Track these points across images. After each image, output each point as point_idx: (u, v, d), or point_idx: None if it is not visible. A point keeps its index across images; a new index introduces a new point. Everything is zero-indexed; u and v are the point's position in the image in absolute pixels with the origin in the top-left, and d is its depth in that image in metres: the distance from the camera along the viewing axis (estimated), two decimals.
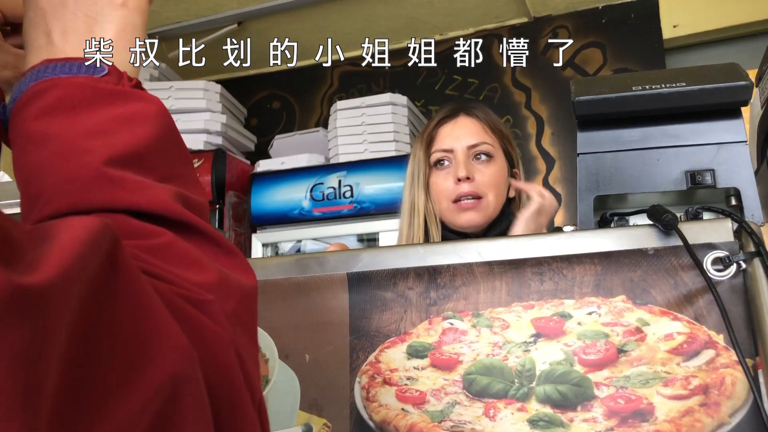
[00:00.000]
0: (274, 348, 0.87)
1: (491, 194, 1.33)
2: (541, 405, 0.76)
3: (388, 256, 0.89)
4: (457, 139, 1.37)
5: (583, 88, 0.88)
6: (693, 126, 0.86)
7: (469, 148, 1.36)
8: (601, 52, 3.07)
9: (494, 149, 1.38)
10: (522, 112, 3.15)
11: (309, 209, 2.84)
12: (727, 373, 0.71)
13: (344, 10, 3.17)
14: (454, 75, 3.33)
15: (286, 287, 0.89)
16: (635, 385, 0.73)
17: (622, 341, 0.75)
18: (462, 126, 1.40)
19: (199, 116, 2.95)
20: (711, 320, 0.73)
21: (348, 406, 0.83)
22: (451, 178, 1.34)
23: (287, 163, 2.94)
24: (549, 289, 0.80)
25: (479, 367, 0.79)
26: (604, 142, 0.87)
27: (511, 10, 3.18)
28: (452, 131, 1.39)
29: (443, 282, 0.84)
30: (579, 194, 0.87)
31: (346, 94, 3.46)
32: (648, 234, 0.78)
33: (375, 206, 2.80)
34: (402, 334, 0.84)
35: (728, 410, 0.70)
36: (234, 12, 3.16)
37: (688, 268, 0.75)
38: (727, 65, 0.88)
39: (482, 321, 0.81)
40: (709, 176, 0.84)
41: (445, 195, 1.35)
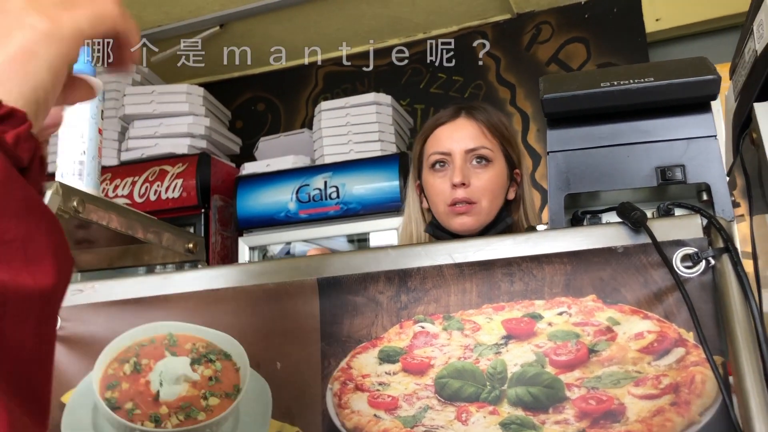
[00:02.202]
0: (245, 356, 0.86)
1: (485, 200, 1.33)
2: (513, 408, 0.75)
3: (359, 259, 0.88)
4: (456, 142, 1.36)
5: (552, 85, 0.87)
6: (662, 121, 0.85)
7: (467, 152, 1.35)
8: (585, 47, 3.06)
9: (493, 153, 1.37)
10: (507, 109, 3.14)
11: (295, 211, 2.83)
12: (697, 372, 0.70)
13: (326, 10, 3.15)
14: (438, 73, 3.32)
15: (256, 294, 0.88)
16: (606, 385, 0.73)
17: (592, 341, 0.75)
18: (461, 128, 1.38)
19: (183, 120, 2.94)
20: (681, 318, 0.73)
21: (320, 414, 0.82)
22: (448, 181, 1.34)
23: (272, 165, 2.93)
24: (519, 289, 0.79)
25: (451, 371, 0.79)
26: (574, 140, 0.86)
27: (494, 7, 3.18)
28: (451, 133, 1.38)
29: (414, 285, 0.83)
30: (549, 193, 0.86)
31: (330, 94, 3.45)
32: (617, 232, 0.77)
33: (362, 206, 2.79)
34: (373, 339, 0.83)
35: (698, 409, 0.69)
36: (216, 14, 3.15)
37: (658, 266, 0.74)
38: (696, 59, 0.87)
39: (453, 324, 0.80)
40: (680, 172, 0.83)
41: (441, 198, 1.35)
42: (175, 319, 0.91)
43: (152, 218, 1.32)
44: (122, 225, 1.18)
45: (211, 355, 0.88)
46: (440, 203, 1.35)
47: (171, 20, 3.17)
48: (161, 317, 0.92)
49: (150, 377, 0.89)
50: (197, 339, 0.89)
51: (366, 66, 3.42)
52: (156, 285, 0.95)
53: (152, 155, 2.92)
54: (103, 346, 0.92)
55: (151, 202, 2.84)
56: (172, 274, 0.96)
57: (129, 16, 0.47)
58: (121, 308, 0.94)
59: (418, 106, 3.33)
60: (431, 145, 1.40)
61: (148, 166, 2.89)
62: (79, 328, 0.94)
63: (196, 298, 0.91)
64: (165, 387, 0.88)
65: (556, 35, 3.13)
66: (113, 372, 0.91)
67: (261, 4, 3.08)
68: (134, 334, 0.92)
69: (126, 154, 2.97)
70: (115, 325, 0.93)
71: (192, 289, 0.92)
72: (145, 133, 2.95)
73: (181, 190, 2.82)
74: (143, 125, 2.95)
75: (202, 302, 0.91)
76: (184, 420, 0.86)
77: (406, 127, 3.10)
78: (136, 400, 0.88)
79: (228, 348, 0.87)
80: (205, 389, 0.87)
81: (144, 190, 2.88)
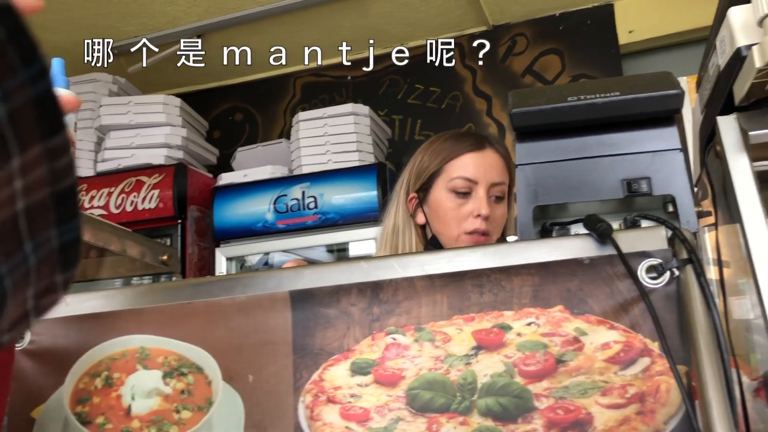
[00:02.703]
0: (217, 369, 0.86)
1: (495, 233, 1.37)
2: (483, 418, 0.76)
3: (331, 272, 0.89)
4: (484, 173, 1.37)
5: (521, 99, 0.88)
6: (628, 135, 0.87)
7: (492, 185, 1.37)
8: (560, 58, 3.10)
9: (507, 189, 1.42)
10: (484, 120, 3.17)
11: (273, 221, 2.82)
12: (662, 381, 0.71)
13: (304, 21, 3.16)
14: (416, 84, 3.34)
15: (228, 307, 0.88)
16: (574, 395, 0.74)
17: (560, 351, 0.76)
18: (490, 160, 1.40)
19: (160, 130, 2.93)
20: (646, 328, 0.74)
21: (292, 426, 0.82)
22: (469, 209, 1.35)
23: (250, 176, 2.92)
24: (489, 301, 0.80)
25: (422, 382, 0.79)
26: (543, 153, 0.88)
27: (470, 20, 3.21)
28: (481, 162, 1.39)
29: (386, 297, 0.84)
30: (518, 205, 0.87)
31: (308, 104, 3.46)
32: (584, 244, 0.79)
33: (340, 216, 2.79)
34: (345, 351, 0.83)
35: (663, 417, 0.70)
36: (193, 25, 3.14)
37: (623, 277, 0.75)
38: (661, 74, 0.89)
39: (424, 335, 0.81)
40: (645, 184, 0.85)
41: (457, 223, 1.36)
42: (148, 333, 0.91)
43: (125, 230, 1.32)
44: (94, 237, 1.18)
45: (183, 368, 0.88)
46: (455, 228, 1.36)
47: (148, 31, 3.17)
48: (133, 331, 0.92)
49: (122, 391, 0.89)
50: (169, 352, 0.89)
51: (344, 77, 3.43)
52: (128, 298, 0.95)
53: (128, 166, 2.91)
54: (75, 360, 0.92)
55: (128, 213, 2.83)
56: (144, 288, 0.96)
57: None
58: (92, 322, 0.94)
59: (396, 117, 3.35)
60: (457, 169, 1.39)
61: (124, 177, 2.87)
62: (50, 342, 0.93)
63: (168, 311, 0.91)
64: (137, 401, 0.87)
65: (531, 47, 3.16)
66: (84, 386, 0.90)
67: (239, 15, 3.08)
68: (106, 348, 0.92)
69: (102, 165, 2.95)
70: (86, 338, 0.93)
71: (164, 302, 0.92)
72: (122, 143, 2.93)
73: (157, 200, 2.81)
74: (120, 136, 2.94)
75: (174, 315, 0.91)
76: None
77: (383, 137, 3.11)
78: (107, 414, 0.88)
79: (200, 361, 0.87)
80: (178, 403, 0.86)
81: (120, 201, 2.86)
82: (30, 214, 0.32)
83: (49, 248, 0.34)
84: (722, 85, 0.94)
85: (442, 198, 1.38)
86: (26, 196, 0.31)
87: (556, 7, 3.12)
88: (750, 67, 0.81)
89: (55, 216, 0.33)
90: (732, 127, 0.87)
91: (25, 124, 0.30)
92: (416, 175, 1.46)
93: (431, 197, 1.41)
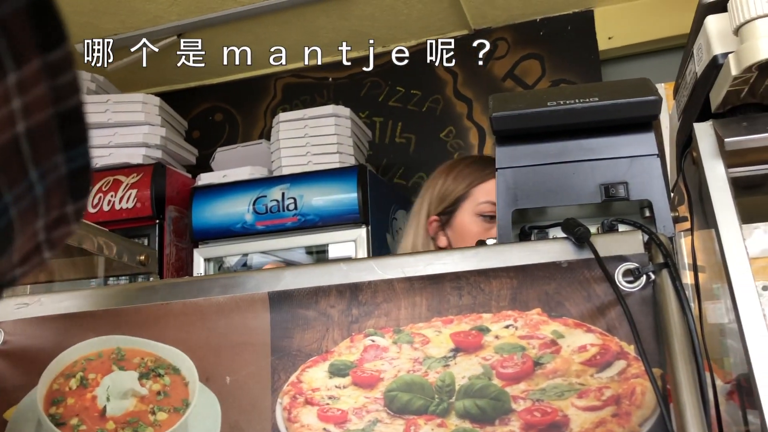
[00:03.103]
0: (194, 371, 0.85)
1: None
2: (461, 420, 0.76)
3: (311, 273, 0.88)
4: None
5: (501, 103, 0.89)
6: (607, 140, 0.87)
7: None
8: (540, 63, 3.13)
9: None
10: (464, 123, 3.18)
11: (252, 222, 2.81)
12: (638, 383, 0.72)
13: (286, 22, 3.16)
14: (397, 87, 3.35)
15: (205, 308, 0.87)
16: (551, 397, 0.74)
17: (538, 354, 0.76)
18: None
19: (138, 129, 2.90)
20: (623, 331, 0.75)
21: (270, 428, 0.81)
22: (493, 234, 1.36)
23: (229, 176, 2.91)
24: (467, 303, 0.80)
25: (400, 384, 0.79)
26: (522, 157, 0.88)
27: (452, 23, 3.22)
28: None
29: (365, 299, 0.84)
30: (498, 208, 0.88)
31: (289, 105, 3.45)
32: (562, 247, 0.79)
33: (320, 218, 2.79)
34: (324, 352, 0.83)
35: (638, 420, 0.71)
36: (173, 24, 3.12)
37: (601, 281, 0.76)
38: (639, 80, 0.90)
39: (403, 337, 0.81)
40: (623, 189, 0.85)
41: None
42: (124, 333, 0.90)
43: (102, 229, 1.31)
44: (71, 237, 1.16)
45: (159, 369, 0.87)
46: None
47: (127, 29, 3.14)
48: (109, 331, 0.91)
49: (96, 392, 0.88)
50: (146, 353, 0.88)
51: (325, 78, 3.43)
52: (104, 298, 0.94)
53: (106, 165, 2.87)
54: (49, 360, 0.90)
55: (105, 212, 2.80)
56: (120, 288, 0.95)
57: None
58: (68, 322, 0.93)
59: (377, 119, 3.35)
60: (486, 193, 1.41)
61: (101, 176, 2.84)
62: (24, 342, 0.92)
63: (145, 311, 0.90)
64: (112, 402, 0.86)
65: (512, 51, 3.18)
66: (58, 387, 0.89)
67: (219, 14, 3.06)
68: (81, 348, 0.91)
69: None
70: (61, 339, 0.92)
71: (141, 302, 0.91)
72: (99, 142, 2.90)
73: (135, 200, 2.79)
74: (97, 134, 2.91)
75: (151, 316, 0.90)
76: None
77: (364, 139, 3.11)
78: (81, 415, 0.87)
79: (177, 362, 0.87)
80: (153, 404, 0.86)
81: (97, 200, 2.83)
82: (32, 137, 0.29)
83: (56, 175, 0.31)
84: (699, 92, 0.95)
85: (467, 221, 1.40)
86: (27, 116, 0.29)
87: (537, 12, 3.15)
88: (726, 74, 0.82)
89: (61, 139, 0.30)
90: (708, 134, 0.88)
91: (20, 35, 0.28)
92: (439, 198, 1.47)
93: (455, 221, 1.42)
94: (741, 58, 0.79)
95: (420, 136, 3.27)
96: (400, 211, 3.05)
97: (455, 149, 3.17)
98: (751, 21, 0.79)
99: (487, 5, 3.08)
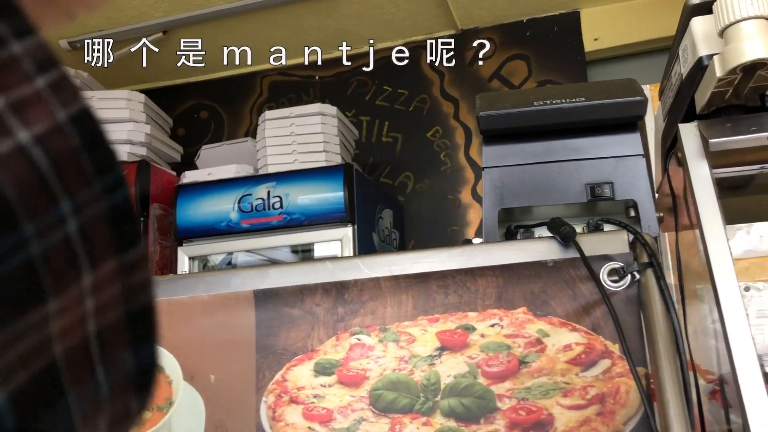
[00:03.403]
0: (178, 369, 0.85)
1: None
2: (446, 419, 0.76)
3: (297, 272, 0.88)
4: None
5: (488, 103, 0.89)
6: (592, 140, 0.88)
7: None
8: (526, 64, 3.13)
9: None
10: (450, 123, 3.18)
11: (237, 221, 2.79)
12: (622, 382, 0.73)
13: (273, 20, 3.14)
14: (384, 86, 3.34)
15: (190, 306, 0.87)
16: (536, 396, 0.74)
17: (523, 353, 0.76)
18: None
19: (123, 126, 2.87)
20: (607, 330, 0.75)
21: (254, 427, 0.81)
22: None
23: (214, 174, 2.89)
24: (453, 302, 0.80)
25: (385, 383, 0.79)
26: (509, 156, 0.89)
27: (439, 23, 3.22)
28: None
29: (351, 297, 0.84)
30: (484, 207, 0.88)
31: (275, 103, 3.43)
32: (548, 246, 0.79)
33: (306, 217, 2.78)
34: (309, 351, 0.83)
35: (622, 418, 0.71)
36: (159, 21, 3.10)
37: (586, 280, 0.76)
38: (625, 81, 0.91)
39: (389, 336, 0.81)
40: (608, 189, 0.86)
41: None
42: None
43: None
44: None
45: None
46: None
47: (113, 25, 3.11)
48: None
49: None
50: None
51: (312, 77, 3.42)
52: None
53: None
54: None
55: None
56: None
57: None
58: None
59: (364, 118, 3.35)
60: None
61: None
62: None
63: None
64: None
65: (498, 52, 3.19)
66: None
67: (205, 12, 3.05)
68: None
69: None
70: None
71: None
72: None
73: None
74: None
75: None
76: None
77: (351, 138, 3.10)
78: None
79: (161, 360, 0.86)
80: None
81: None
82: (102, 336, 0.29)
83: (122, 373, 0.31)
84: (684, 93, 0.96)
85: None
86: (98, 316, 0.29)
87: (524, 13, 3.15)
88: (711, 76, 0.83)
89: (130, 337, 0.31)
90: (693, 135, 0.89)
91: (98, 238, 0.28)
92: None
93: None
94: (726, 60, 0.79)
95: (407, 135, 3.27)
96: (387, 210, 3.05)
97: (442, 149, 3.18)
98: (736, 23, 0.79)
99: (474, 5, 3.08)
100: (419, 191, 3.19)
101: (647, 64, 3.04)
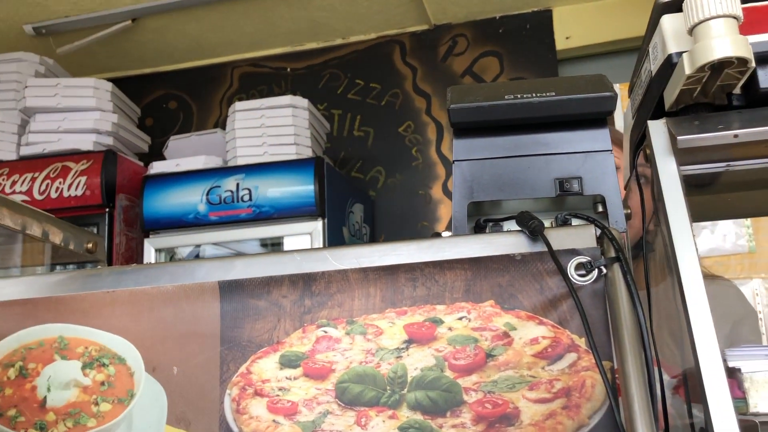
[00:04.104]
0: (140, 360, 0.83)
1: None
2: (412, 412, 0.76)
3: (263, 262, 0.87)
4: None
5: (459, 95, 0.88)
6: (562, 135, 0.88)
7: None
8: (498, 60, 3.15)
9: None
10: (422, 118, 3.19)
11: (205, 213, 2.76)
12: (588, 376, 0.73)
13: (244, 10, 3.11)
14: (356, 79, 3.33)
15: (153, 296, 0.85)
16: (502, 389, 0.74)
17: (490, 346, 0.76)
18: None
19: (89, 115, 2.82)
20: (574, 324, 0.75)
21: (217, 420, 0.80)
22: None
23: (182, 165, 2.85)
24: (421, 294, 0.80)
25: (352, 375, 0.78)
26: (479, 150, 0.88)
27: (412, 18, 3.22)
28: None
29: (318, 289, 0.83)
30: (454, 201, 0.87)
31: (246, 95, 3.40)
32: (516, 240, 0.79)
33: (275, 210, 2.75)
34: (275, 343, 0.82)
35: (588, 412, 0.72)
36: (128, 8, 3.05)
37: (553, 274, 0.77)
38: (595, 77, 0.91)
39: (356, 328, 0.80)
40: (577, 184, 0.86)
41: None
42: (67, 321, 0.87)
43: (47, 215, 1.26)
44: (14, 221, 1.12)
45: (104, 359, 0.84)
46: None
47: (80, 11, 3.05)
48: (52, 319, 0.88)
49: (37, 382, 0.84)
50: (90, 342, 0.85)
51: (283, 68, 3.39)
52: (48, 285, 0.90)
53: (54, 151, 2.79)
54: None
55: (52, 199, 2.71)
56: (65, 275, 0.91)
57: None
58: (9, 309, 0.89)
59: (335, 111, 3.33)
60: None
61: (49, 162, 2.76)
62: None
63: (90, 299, 0.88)
64: (53, 392, 0.83)
65: (471, 48, 3.20)
66: None
67: (176, 0, 3.00)
68: (22, 337, 0.87)
69: (26, 149, 2.82)
70: (1, 327, 0.88)
71: (87, 290, 0.88)
72: (48, 127, 2.81)
73: (84, 188, 2.71)
74: (46, 119, 2.82)
75: (96, 304, 0.87)
76: (72, 427, 0.82)
77: (322, 131, 3.09)
78: (20, 406, 0.83)
79: (123, 351, 0.84)
80: (97, 394, 0.83)
81: (45, 187, 2.74)
82: None
83: None
84: (653, 90, 0.96)
85: None
86: None
87: (497, 10, 3.17)
88: (680, 73, 0.83)
89: None
90: (661, 132, 0.90)
91: None
92: None
93: None
94: (694, 58, 0.80)
95: (378, 129, 3.26)
96: (357, 204, 3.04)
97: (413, 144, 3.18)
98: (705, 21, 0.80)
99: (447, 1, 3.09)
100: (390, 186, 3.19)
101: (617, 63, 3.08)
